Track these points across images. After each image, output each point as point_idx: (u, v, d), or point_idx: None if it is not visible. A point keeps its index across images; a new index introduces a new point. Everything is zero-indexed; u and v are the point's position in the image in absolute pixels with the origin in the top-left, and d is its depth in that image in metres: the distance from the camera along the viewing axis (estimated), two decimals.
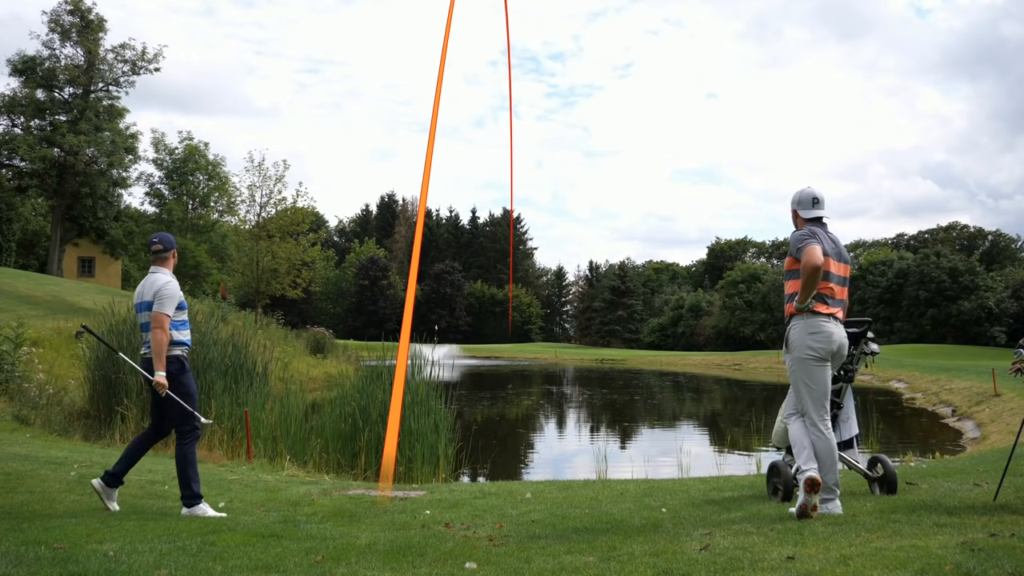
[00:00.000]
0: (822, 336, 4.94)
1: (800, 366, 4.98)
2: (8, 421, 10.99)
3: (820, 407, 4.97)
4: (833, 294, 5.02)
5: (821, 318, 4.96)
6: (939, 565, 3.35)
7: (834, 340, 4.96)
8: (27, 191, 43.96)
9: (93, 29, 42.61)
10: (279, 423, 10.98)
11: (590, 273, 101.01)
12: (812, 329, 4.94)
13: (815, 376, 4.96)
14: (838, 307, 5.04)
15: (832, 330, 4.96)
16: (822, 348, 4.94)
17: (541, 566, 3.77)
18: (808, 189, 5.21)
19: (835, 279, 5.06)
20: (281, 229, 33.78)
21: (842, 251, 5.17)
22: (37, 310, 24.92)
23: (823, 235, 5.07)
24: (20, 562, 3.83)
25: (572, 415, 22.48)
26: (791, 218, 5.30)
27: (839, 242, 5.19)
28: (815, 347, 4.94)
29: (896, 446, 14.18)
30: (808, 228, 5.09)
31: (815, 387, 4.97)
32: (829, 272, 4.99)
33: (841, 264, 5.11)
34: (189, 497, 5.60)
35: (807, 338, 4.94)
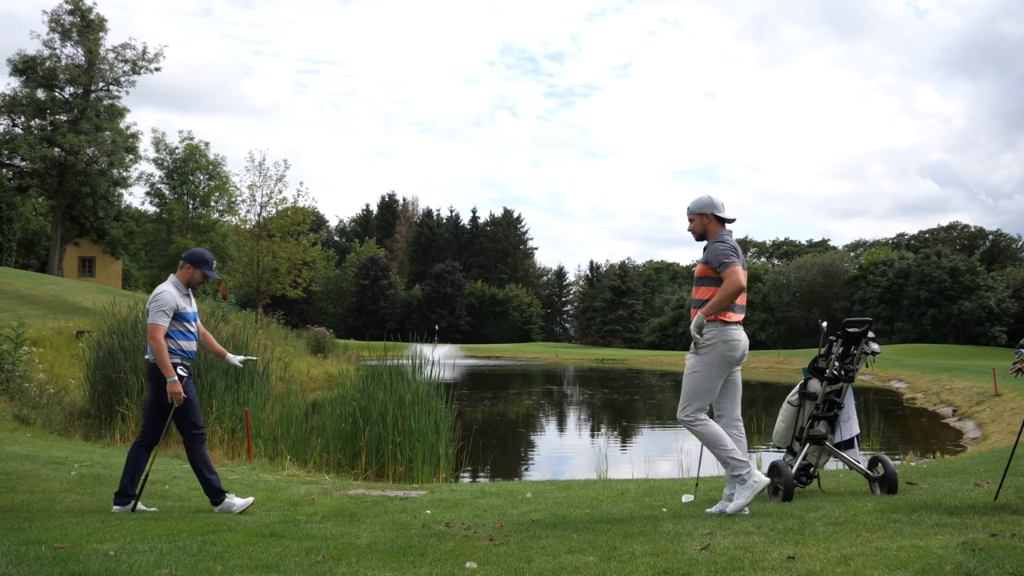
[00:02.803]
0: (734, 344, 5.12)
1: (706, 370, 5.11)
2: (8, 421, 10.99)
3: (702, 409, 5.15)
4: (741, 302, 5.16)
5: (732, 326, 5.12)
6: (940, 565, 3.35)
7: (740, 347, 5.17)
8: (28, 191, 43.96)
9: (93, 29, 42.61)
10: (279, 423, 10.97)
11: (590, 273, 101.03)
12: (726, 337, 5.09)
13: (714, 383, 5.14)
14: (743, 314, 5.24)
15: (740, 338, 5.17)
16: (731, 356, 5.12)
17: (542, 566, 3.77)
18: (716, 195, 5.32)
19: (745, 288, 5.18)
20: (282, 229, 33.78)
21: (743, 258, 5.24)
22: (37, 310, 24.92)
23: (737, 247, 5.18)
24: (21, 561, 3.83)
25: (572, 415, 22.48)
26: (697, 223, 5.29)
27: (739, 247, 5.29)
28: (726, 355, 5.10)
29: (897, 446, 14.18)
30: (728, 240, 5.16)
31: (710, 390, 5.14)
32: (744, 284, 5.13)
33: (745, 271, 5.18)
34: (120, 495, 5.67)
35: (721, 345, 5.09)
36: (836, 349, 5.64)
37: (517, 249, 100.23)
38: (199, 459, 5.69)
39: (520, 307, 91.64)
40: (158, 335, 5.52)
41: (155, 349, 5.52)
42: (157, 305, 5.59)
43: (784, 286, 71.22)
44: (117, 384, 11.77)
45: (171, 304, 5.61)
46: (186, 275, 5.81)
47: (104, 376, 12.11)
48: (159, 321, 5.55)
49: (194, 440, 5.72)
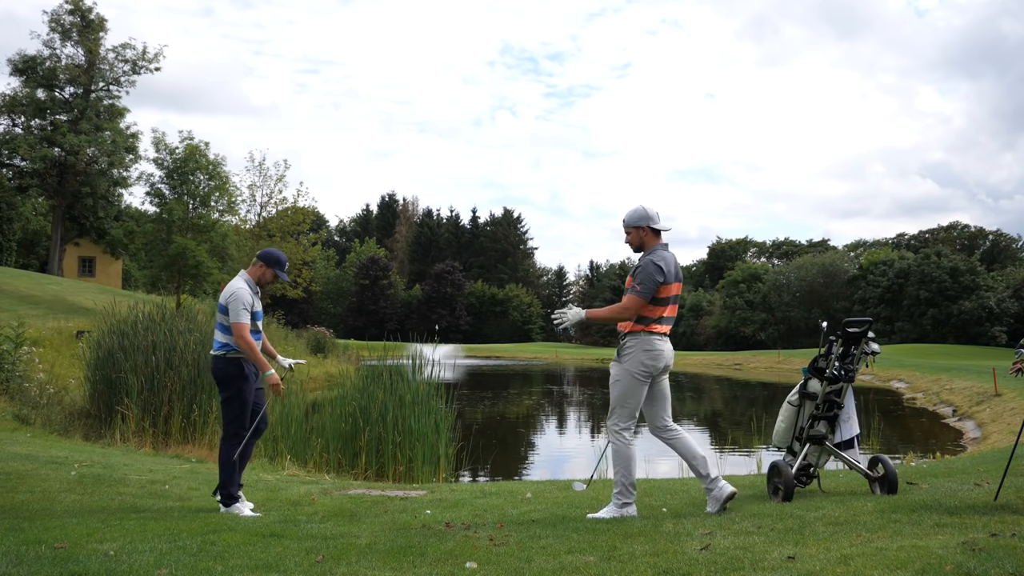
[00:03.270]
0: (655, 354, 5.14)
1: (629, 380, 5.15)
2: (9, 421, 10.99)
3: (629, 417, 5.19)
4: (668, 314, 5.21)
5: (656, 337, 5.16)
6: (940, 565, 3.35)
7: (663, 357, 5.20)
8: (28, 191, 43.94)
9: (93, 29, 42.58)
10: (279, 423, 10.98)
11: (591, 273, 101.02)
12: (648, 347, 5.13)
13: (638, 391, 5.17)
14: (671, 325, 5.27)
15: (663, 348, 5.19)
16: (653, 366, 5.15)
17: (542, 566, 3.77)
18: (649, 206, 5.27)
19: (673, 300, 5.22)
20: (282, 229, 33.81)
21: (679, 269, 5.28)
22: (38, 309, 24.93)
23: (668, 257, 5.17)
24: (21, 561, 3.83)
25: (573, 415, 22.48)
26: (633, 235, 5.26)
27: (675, 257, 5.29)
28: (649, 365, 5.14)
29: (897, 446, 14.18)
30: (660, 260, 5.11)
31: (633, 400, 5.17)
32: (671, 295, 5.17)
33: (679, 283, 5.24)
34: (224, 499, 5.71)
35: (643, 355, 5.12)
36: (836, 349, 5.63)
37: (517, 249, 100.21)
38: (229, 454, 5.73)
39: (520, 307, 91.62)
40: (245, 334, 5.58)
41: (245, 347, 5.59)
42: (237, 302, 5.61)
43: (784, 286, 71.18)
44: (117, 384, 11.76)
45: (249, 301, 5.65)
46: (258, 273, 5.87)
47: (104, 376, 12.11)
48: (244, 320, 5.59)
49: (231, 438, 5.75)
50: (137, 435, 10.93)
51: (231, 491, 5.71)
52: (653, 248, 5.20)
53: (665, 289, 5.11)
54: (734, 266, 79.30)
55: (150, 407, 11.40)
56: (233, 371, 5.69)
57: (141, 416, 11.23)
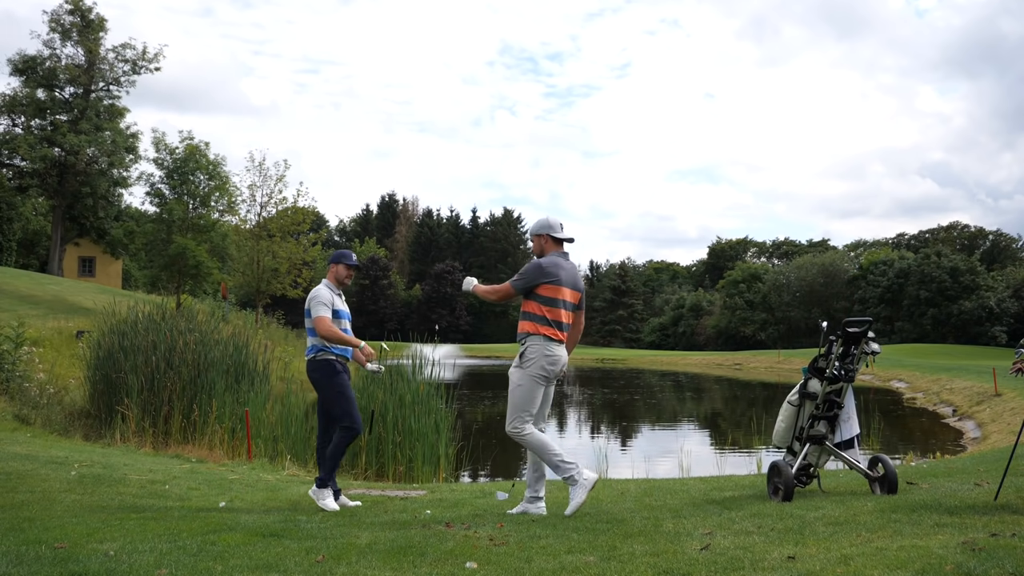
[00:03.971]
0: (554, 359, 5.33)
1: (528, 382, 5.32)
2: (9, 421, 10.99)
3: (526, 421, 5.33)
4: (564, 319, 5.39)
5: (554, 343, 5.34)
6: (940, 565, 3.35)
7: (560, 362, 5.39)
8: (28, 191, 43.94)
9: (93, 29, 42.57)
10: (280, 423, 10.98)
11: (591, 273, 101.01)
12: (547, 351, 5.32)
13: (535, 393, 5.33)
14: (566, 332, 5.44)
15: (560, 353, 5.38)
16: (551, 369, 5.34)
17: (542, 566, 3.77)
18: (553, 217, 5.65)
19: (567, 306, 5.41)
20: (282, 229, 33.72)
21: (577, 279, 5.51)
22: (38, 309, 24.94)
23: (563, 264, 5.44)
24: (21, 561, 3.83)
25: (573, 414, 22.48)
26: (536, 244, 5.59)
27: (575, 268, 5.56)
28: (547, 369, 5.32)
29: (897, 446, 14.18)
30: (552, 260, 5.42)
31: (530, 404, 5.33)
32: (565, 300, 5.38)
33: (575, 292, 5.46)
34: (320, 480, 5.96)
35: (543, 359, 5.31)
36: (836, 349, 5.63)
37: (517, 249, 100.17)
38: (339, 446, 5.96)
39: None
40: (326, 324, 5.80)
41: (329, 334, 5.79)
42: (317, 301, 5.89)
43: (784, 286, 71.19)
44: (117, 384, 11.77)
45: (329, 299, 5.92)
46: (332, 274, 6.16)
47: (104, 376, 12.12)
48: (322, 313, 5.84)
49: (342, 432, 5.96)
50: (137, 435, 10.93)
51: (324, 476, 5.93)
52: (549, 254, 5.50)
53: (553, 290, 5.33)
54: (734, 266, 79.31)
55: (150, 407, 11.41)
56: (327, 371, 5.94)
57: (141, 416, 11.23)
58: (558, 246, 5.55)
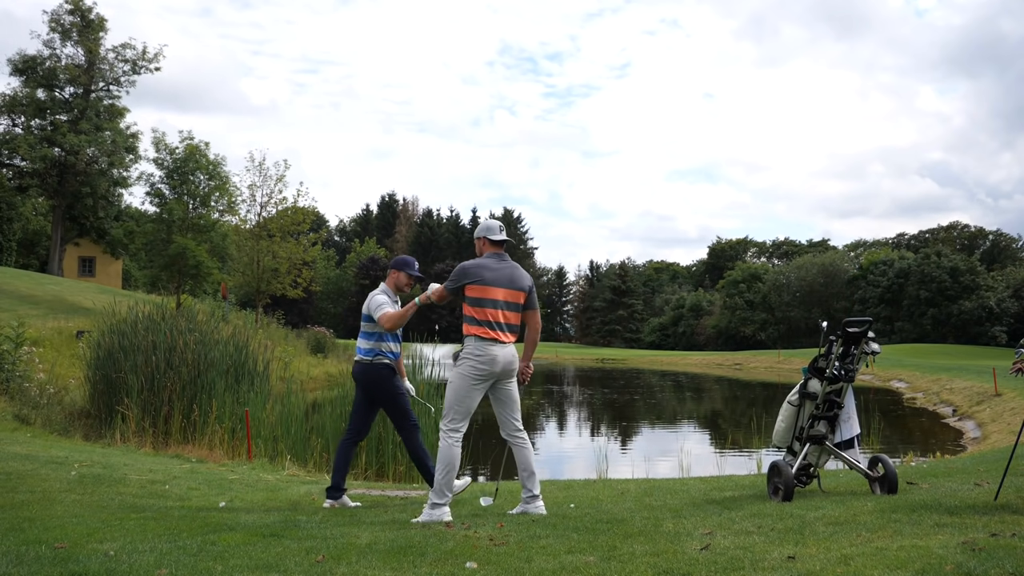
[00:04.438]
0: (486, 359, 5.30)
1: (458, 381, 5.35)
2: (9, 421, 10.99)
3: (461, 419, 5.36)
4: (500, 319, 5.36)
5: (487, 342, 5.32)
6: (940, 565, 3.35)
7: (497, 363, 5.33)
8: (28, 191, 43.92)
9: (93, 29, 42.55)
10: (280, 423, 10.97)
11: (591, 273, 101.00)
12: (478, 352, 5.31)
13: (470, 394, 5.34)
14: (506, 332, 5.37)
15: (496, 353, 5.33)
16: (485, 369, 5.31)
17: (542, 566, 3.77)
18: (493, 220, 5.70)
19: (503, 305, 5.38)
20: (282, 229, 33.72)
21: (516, 277, 5.47)
22: (38, 309, 24.94)
23: (492, 264, 5.45)
24: (21, 561, 3.83)
25: (573, 415, 22.48)
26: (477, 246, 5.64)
27: (516, 268, 5.54)
28: (480, 369, 5.31)
29: (897, 446, 14.18)
30: (480, 261, 5.48)
31: (465, 404, 5.35)
32: (496, 300, 5.35)
33: (512, 291, 5.42)
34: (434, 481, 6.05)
35: (474, 359, 5.31)
36: (836, 349, 5.63)
37: (517, 249, 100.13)
38: (418, 448, 6.20)
39: None
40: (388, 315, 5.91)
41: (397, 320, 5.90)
42: (377, 304, 6.02)
43: (784, 286, 71.19)
44: (117, 384, 11.76)
45: (389, 302, 6.07)
46: (392, 280, 6.28)
47: (104, 376, 12.11)
48: (387, 310, 5.98)
49: (410, 431, 6.22)
50: (137, 435, 10.93)
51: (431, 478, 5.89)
52: (485, 255, 5.55)
53: (479, 290, 5.34)
54: (734, 266, 79.32)
55: (150, 407, 11.40)
56: (385, 375, 6.09)
57: (141, 416, 11.23)
58: (495, 247, 5.57)
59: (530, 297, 5.56)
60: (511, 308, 5.43)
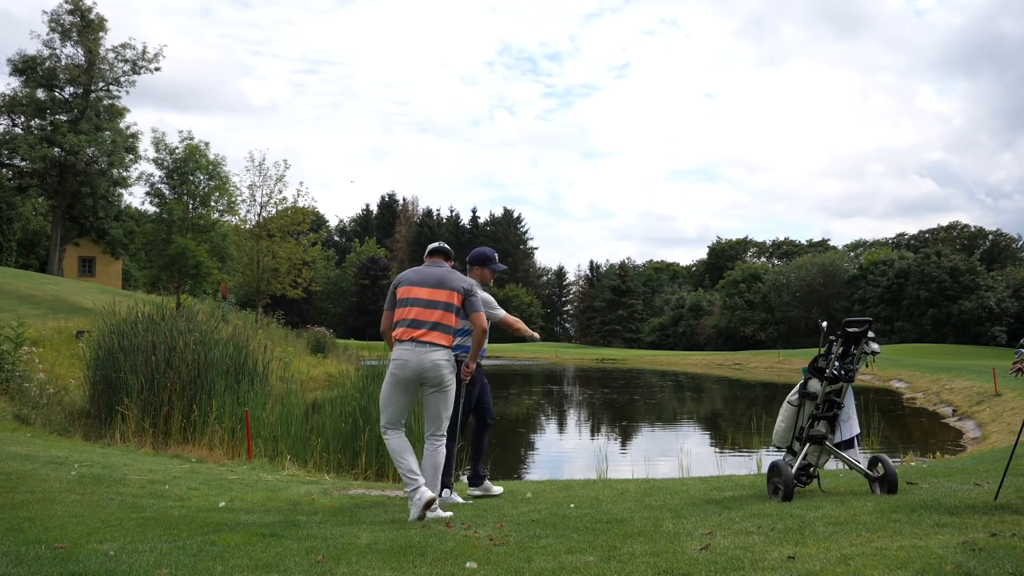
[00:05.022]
0: (399, 363, 5.32)
1: (385, 384, 5.45)
2: (9, 421, 10.99)
3: (391, 419, 5.44)
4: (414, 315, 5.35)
5: (401, 346, 5.33)
6: (940, 565, 3.35)
7: (409, 367, 5.30)
8: (27, 191, 43.92)
9: (93, 29, 42.55)
10: (279, 423, 10.97)
11: (591, 273, 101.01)
12: (394, 355, 5.37)
13: (392, 395, 5.41)
14: (420, 329, 5.31)
15: (406, 357, 5.30)
16: (397, 374, 5.34)
17: (542, 566, 3.77)
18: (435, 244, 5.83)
19: (422, 303, 5.38)
20: (282, 229, 33.74)
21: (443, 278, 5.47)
22: (38, 309, 24.93)
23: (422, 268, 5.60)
24: (20, 561, 3.83)
25: (572, 415, 22.48)
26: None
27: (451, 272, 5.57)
28: (394, 373, 5.35)
29: (897, 446, 14.18)
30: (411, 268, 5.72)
31: (388, 404, 5.43)
32: (414, 298, 5.40)
33: (434, 289, 5.41)
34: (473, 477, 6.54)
35: (391, 363, 5.38)
36: (836, 349, 5.63)
37: (517, 249, 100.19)
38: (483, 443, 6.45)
39: (520, 307, 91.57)
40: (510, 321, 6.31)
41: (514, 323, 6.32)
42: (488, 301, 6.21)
43: (784, 286, 71.18)
44: (117, 384, 11.75)
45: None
46: (478, 275, 6.37)
47: (104, 376, 12.10)
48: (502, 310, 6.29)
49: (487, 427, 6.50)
50: (137, 435, 10.92)
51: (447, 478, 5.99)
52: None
53: (403, 291, 5.46)
54: (734, 266, 79.32)
55: (150, 407, 11.39)
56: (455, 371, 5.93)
57: (141, 416, 11.22)
58: (430, 257, 5.71)
59: (468, 300, 5.53)
60: (435, 307, 5.38)
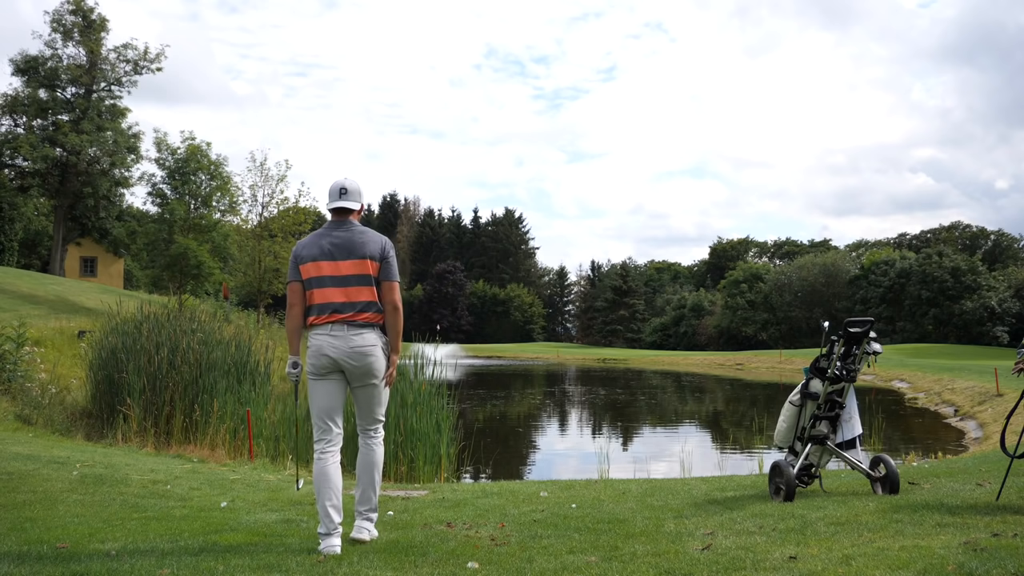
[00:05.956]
0: (314, 350, 4.37)
1: (308, 383, 4.48)
2: (11, 421, 11.00)
3: (318, 425, 4.42)
4: (330, 298, 4.36)
5: (317, 331, 4.37)
6: (941, 565, 3.35)
7: (324, 354, 4.33)
8: (29, 191, 43.98)
9: (95, 29, 42.59)
10: (281, 423, 10.98)
11: (592, 273, 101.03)
12: (310, 342, 4.41)
13: (313, 392, 4.42)
14: (342, 312, 4.33)
15: (321, 343, 4.34)
16: (315, 364, 4.37)
17: (543, 566, 3.77)
18: (337, 180, 4.61)
19: (331, 281, 4.37)
20: (283, 229, 33.78)
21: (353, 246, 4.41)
22: (39, 309, 24.95)
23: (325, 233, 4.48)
24: (23, 561, 3.84)
25: (574, 415, 22.48)
26: None
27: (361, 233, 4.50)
28: (311, 363, 4.39)
29: (898, 446, 14.17)
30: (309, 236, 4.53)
31: (315, 403, 4.42)
32: (323, 276, 4.36)
33: (343, 263, 4.38)
34: None
35: (309, 352, 4.42)
36: (838, 349, 5.63)
37: (519, 249, 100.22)
38: None
39: (522, 307, 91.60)
40: None
41: None
42: None
43: (786, 286, 71.14)
44: (119, 384, 11.77)
45: None
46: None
47: (106, 376, 12.12)
48: None
49: None
50: (139, 435, 10.93)
51: None
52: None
53: (304, 269, 4.41)
54: (735, 266, 79.29)
55: (152, 407, 11.41)
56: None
57: (143, 416, 11.24)
58: (334, 216, 4.55)
59: (383, 266, 4.46)
60: (347, 283, 4.36)
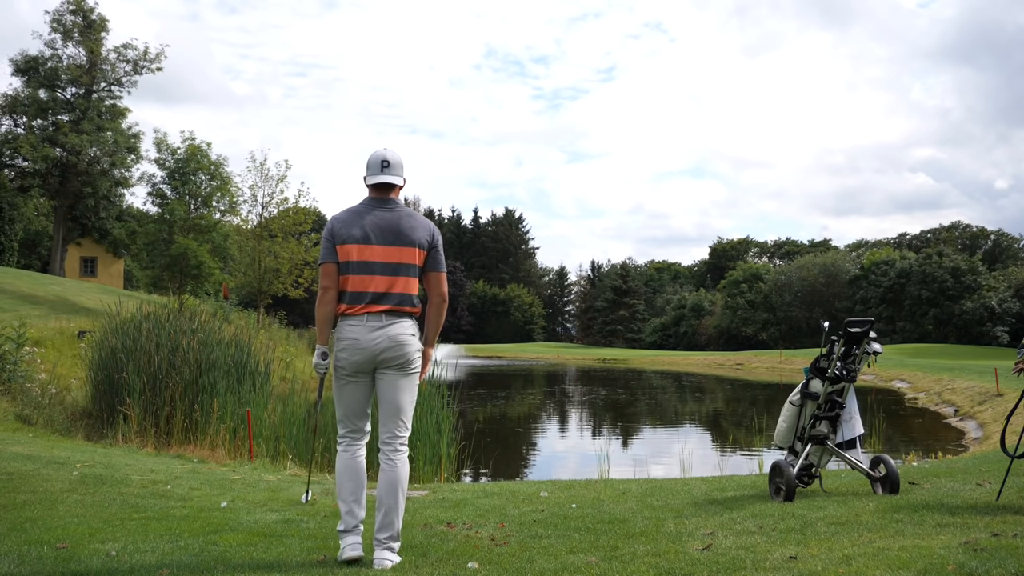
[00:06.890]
0: (346, 343, 3.96)
1: (334, 378, 4.12)
2: (10, 421, 11.00)
3: (345, 425, 4.17)
4: (368, 287, 3.95)
5: (350, 321, 3.95)
6: (942, 565, 3.35)
7: (362, 349, 3.94)
8: (29, 191, 43.98)
9: (95, 29, 42.57)
10: (281, 423, 10.98)
11: (592, 273, 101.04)
12: (340, 334, 3.99)
13: (341, 392, 4.10)
14: (380, 304, 3.94)
15: (356, 336, 3.94)
16: (347, 360, 3.97)
17: (543, 566, 3.77)
18: (377, 151, 4.18)
19: (380, 268, 3.97)
20: (283, 229, 33.77)
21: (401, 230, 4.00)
22: (39, 310, 24.95)
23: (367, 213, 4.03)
24: (22, 562, 3.84)
25: (574, 415, 22.48)
26: None
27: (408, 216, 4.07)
28: (342, 358, 4.00)
29: (898, 446, 14.17)
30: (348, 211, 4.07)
31: (342, 404, 4.13)
32: (367, 261, 3.95)
33: (392, 248, 3.98)
34: None
35: (337, 345, 4.01)
36: (838, 349, 5.63)
37: (519, 249, 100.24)
38: None
39: (522, 307, 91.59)
40: None
41: None
42: None
43: (786, 286, 71.14)
44: (119, 384, 11.77)
45: None
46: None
47: (106, 376, 12.12)
48: None
49: None
50: (139, 435, 10.93)
51: None
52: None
53: (342, 251, 3.97)
54: (735, 266, 79.30)
55: (152, 407, 11.41)
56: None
57: (143, 416, 11.24)
58: (375, 192, 4.11)
59: (431, 255, 4.08)
60: (390, 271, 3.96)
